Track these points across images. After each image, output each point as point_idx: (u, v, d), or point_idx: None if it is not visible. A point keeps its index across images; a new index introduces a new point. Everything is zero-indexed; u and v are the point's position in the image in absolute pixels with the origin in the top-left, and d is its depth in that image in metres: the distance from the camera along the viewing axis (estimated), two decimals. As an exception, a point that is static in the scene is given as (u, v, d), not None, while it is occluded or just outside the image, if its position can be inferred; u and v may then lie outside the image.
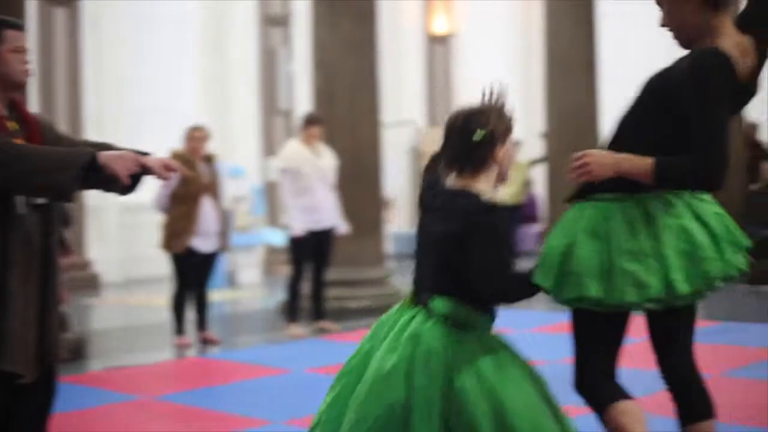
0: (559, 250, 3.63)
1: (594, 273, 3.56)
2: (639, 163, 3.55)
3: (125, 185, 3.69)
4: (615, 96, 20.65)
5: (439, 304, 3.50)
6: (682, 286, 3.53)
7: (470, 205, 3.48)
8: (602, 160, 3.62)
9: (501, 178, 3.65)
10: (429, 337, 3.45)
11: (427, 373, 3.39)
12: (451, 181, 3.61)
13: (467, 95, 17.18)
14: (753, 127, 18.91)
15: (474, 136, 3.52)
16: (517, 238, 17.22)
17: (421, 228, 3.69)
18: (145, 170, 3.69)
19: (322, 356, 8.77)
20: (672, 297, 3.56)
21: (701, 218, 3.63)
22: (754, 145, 18.12)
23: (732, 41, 3.61)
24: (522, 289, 3.61)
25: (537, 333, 9.28)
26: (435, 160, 3.73)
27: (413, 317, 3.56)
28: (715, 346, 7.70)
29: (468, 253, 3.43)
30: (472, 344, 3.48)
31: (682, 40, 3.73)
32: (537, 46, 17.97)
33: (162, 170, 3.69)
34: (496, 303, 3.59)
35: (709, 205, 3.71)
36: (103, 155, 3.62)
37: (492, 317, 3.60)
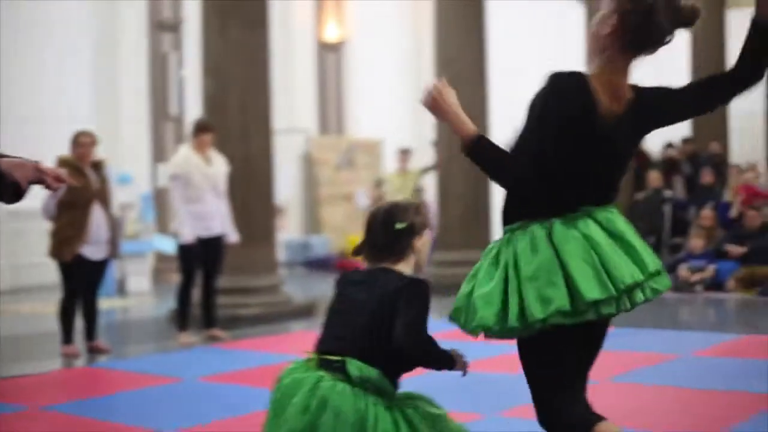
0: (466, 291, 3.71)
1: (491, 300, 3.57)
2: (466, 126, 3.65)
3: (21, 194, 3.61)
4: (505, 104, 20.93)
5: (355, 366, 3.69)
6: (591, 292, 3.47)
7: (396, 276, 3.84)
8: (442, 103, 3.67)
9: (418, 267, 4.00)
10: (338, 401, 3.65)
11: None
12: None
13: (359, 102, 17.32)
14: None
15: (396, 226, 3.88)
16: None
17: (339, 298, 3.96)
18: (39, 179, 3.62)
19: (214, 364, 8.74)
20: (583, 305, 3.50)
21: (611, 231, 3.60)
22: (641, 155, 18.51)
23: (608, 82, 3.64)
24: (440, 355, 3.87)
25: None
26: (357, 251, 4.02)
27: (319, 380, 3.74)
28: (602, 352, 7.83)
29: (397, 315, 3.72)
30: (382, 407, 3.70)
31: (588, 48, 3.77)
32: (427, 53, 18.11)
33: (52, 181, 3.63)
34: (415, 362, 3.83)
35: (619, 218, 3.68)
36: (3, 162, 3.53)
37: (396, 389, 3.82)
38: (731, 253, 13.65)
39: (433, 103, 3.68)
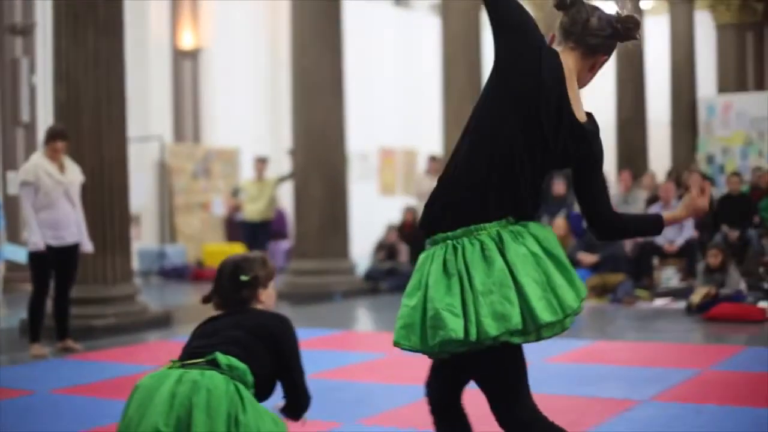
0: (413, 304, 3.60)
1: (457, 312, 3.47)
2: None
3: None
4: (361, 113, 21.02)
5: (223, 357, 4.01)
6: (545, 315, 3.48)
7: (259, 310, 4.34)
8: None
9: None
10: (209, 381, 3.91)
11: (208, 413, 3.84)
12: None
13: (215, 110, 17.14)
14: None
15: (241, 278, 4.32)
16: (268, 254, 17.25)
17: (203, 325, 4.35)
18: None
19: (68, 377, 8.58)
20: (535, 327, 3.51)
21: (547, 250, 3.60)
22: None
23: (574, 70, 3.74)
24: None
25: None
26: (207, 299, 4.46)
27: (184, 374, 3.98)
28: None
29: (288, 359, 4.24)
30: (251, 394, 4.02)
31: None
32: (285, 62, 18.08)
33: None
34: (301, 400, 4.34)
35: (553, 236, 3.69)
36: None
37: None
38: (583, 261, 13.95)
39: None
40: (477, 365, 3.68)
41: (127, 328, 11.22)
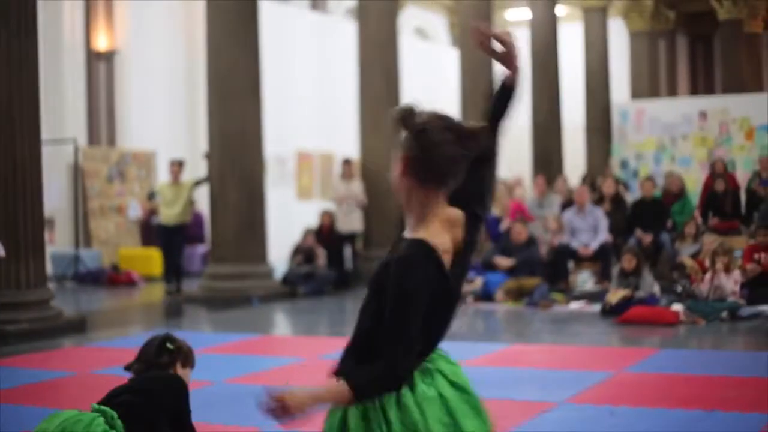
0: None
1: None
2: (334, 391, 3.42)
3: None
4: (278, 117, 20.92)
5: (109, 415, 4.54)
6: None
7: (170, 374, 4.89)
8: (298, 398, 3.45)
9: None
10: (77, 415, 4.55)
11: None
12: None
13: (131, 113, 16.92)
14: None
15: (167, 345, 4.88)
16: (184, 258, 17.14)
17: (118, 389, 4.86)
18: None
19: (-21, 383, 8.44)
20: None
21: (457, 384, 3.55)
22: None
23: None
24: None
25: (205, 354, 9.25)
26: (128, 367, 5.00)
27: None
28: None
29: (186, 416, 4.82)
30: None
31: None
32: (201, 65, 17.96)
33: None
34: None
35: (460, 369, 3.62)
36: None
37: None
38: (499, 265, 14.05)
39: (291, 407, 3.44)
40: None
41: (41, 334, 11.07)
